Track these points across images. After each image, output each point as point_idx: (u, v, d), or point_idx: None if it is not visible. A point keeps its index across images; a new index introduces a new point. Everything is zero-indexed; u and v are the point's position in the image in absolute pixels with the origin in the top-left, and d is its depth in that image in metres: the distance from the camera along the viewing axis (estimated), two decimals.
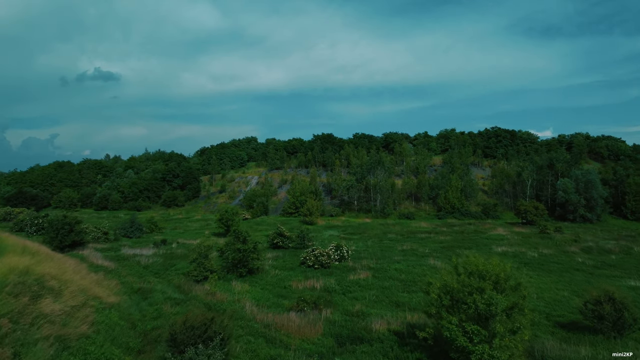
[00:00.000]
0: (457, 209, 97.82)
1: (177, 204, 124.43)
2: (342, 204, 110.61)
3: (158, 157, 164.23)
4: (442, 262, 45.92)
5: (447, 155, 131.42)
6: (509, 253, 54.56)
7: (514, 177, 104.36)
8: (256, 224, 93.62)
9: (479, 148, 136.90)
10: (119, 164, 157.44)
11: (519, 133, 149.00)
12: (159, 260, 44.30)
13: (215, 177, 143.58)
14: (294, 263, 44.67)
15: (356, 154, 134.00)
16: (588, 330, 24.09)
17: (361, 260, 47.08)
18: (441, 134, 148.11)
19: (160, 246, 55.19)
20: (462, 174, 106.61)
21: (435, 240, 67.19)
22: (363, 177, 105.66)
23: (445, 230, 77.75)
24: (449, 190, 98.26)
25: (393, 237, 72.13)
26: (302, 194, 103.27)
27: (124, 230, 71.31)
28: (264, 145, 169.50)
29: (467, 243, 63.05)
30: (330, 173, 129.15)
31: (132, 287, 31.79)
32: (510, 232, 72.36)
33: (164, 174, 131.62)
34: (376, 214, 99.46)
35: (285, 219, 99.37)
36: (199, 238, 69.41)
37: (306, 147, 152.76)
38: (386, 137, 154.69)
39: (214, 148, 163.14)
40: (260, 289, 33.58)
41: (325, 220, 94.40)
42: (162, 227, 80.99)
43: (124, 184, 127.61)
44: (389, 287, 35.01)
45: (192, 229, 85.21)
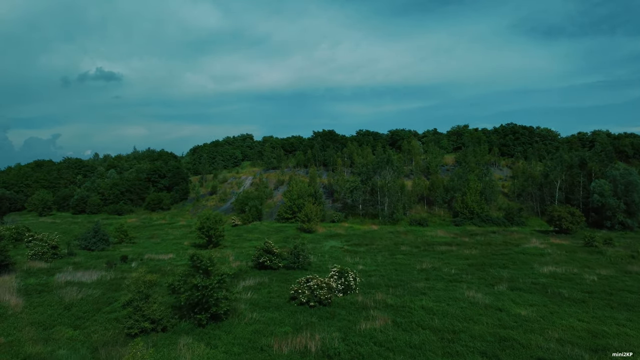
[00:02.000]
0: (477, 214, 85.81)
1: (162, 207, 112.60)
2: (345, 208, 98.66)
3: (146, 156, 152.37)
4: (482, 294, 34.02)
5: (460, 154, 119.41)
6: (558, 275, 42.74)
7: (540, 178, 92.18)
8: (247, 232, 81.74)
9: (495, 146, 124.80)
10: (101, 163, 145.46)
11: (537, 130, 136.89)
12: (98, 292, 32.38)
13: (206, 178, 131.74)
14: (282, 296, 32.76)
15: (360, 152, 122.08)
16: None
17: (373, 290, 35.13)
18: (453, 130, 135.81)
19: (114, 266, 43.28)
20: (480, 175, 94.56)
21: (459, 255, 55.22)
22: (369, 178, 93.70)
23: (468, 242, 65.72)
24: (467, 193, 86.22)
25: (407, 249, 60.23)
26: (300, 197, 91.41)
27: (84, 242, 59.51)
28: (260, 143, 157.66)
29: (501, 259, 51.15)
30: (332, 173, 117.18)
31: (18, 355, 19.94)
32: (548, 245, 60.27)
33: (148, 174, 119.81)
34: (384, 220, 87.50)
35: (281, 225, 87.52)
36: (171, 253, 57.68)
37: (305, 145, 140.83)
38: (392, 135, 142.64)
39: (206, 146, 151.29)
40: (223, 352, 21.63)
41: (326, 227, 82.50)
42: (134, 237, 69.04)
43: (105, 185, 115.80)
44: (421, 345, 23.07)
45: (170, 239, 73.34)
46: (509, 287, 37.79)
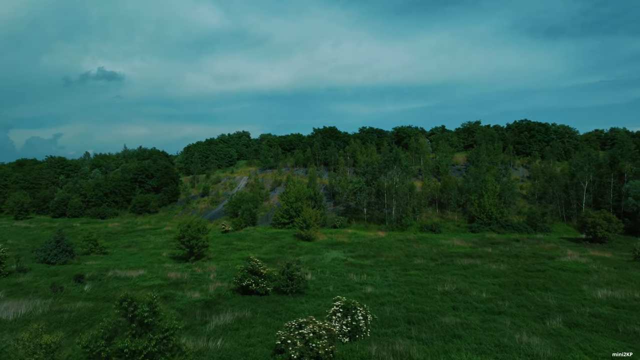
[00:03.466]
0: (495, 220, 76.77)
1: (149, 210, 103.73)
2: (348, 212, 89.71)
3: (136, 154, 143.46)
4: (539, 338, 25.04)
5: (472, 152, 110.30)
6: (619, 301, 33.75)
7: (565, 178, 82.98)
8: (238, 239, 72.85)
9: (509, 144, 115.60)
10: (86, 162, 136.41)
11: (553, 127, 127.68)
12: (2, 344, 23.41)
13: (198, 178, 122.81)
14: (265, 343, 23.79)
15: (364, 151, 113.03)
16: None
17: (389, 331, 26.21)
18: (464, 127, 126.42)
19: (59, 291, 34.34)
20: (497, 175, 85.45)
21: (484, 270, 46.18)
22: (374, 179, 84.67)
23: (491, 253, 56.62)
24: (485, 196, 77.14)
25: (421, 263, 51.25)
26: (298, 200, 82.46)
27: (44, 253, 50.70)
28: (257, 141, 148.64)
29: (538, 278, 42.14)
30: (334, 173, 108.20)
31: None
32: (589, 258, 51.13)
33: (135, 174, 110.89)
34: (391, 225, 78.52)
35: (277, 232, 78.60)
36: (144, 268, 48.72)
37: (305, 143, 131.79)
38: (398, 132, 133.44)
39: (200, 145, 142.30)
40: None
41: (327, 234, 73.57)
42: (106, 247, 60.06)
43: (87, 186, 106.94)
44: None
45: (149, 248, 64.50)
46: (565, 321, 28.86)
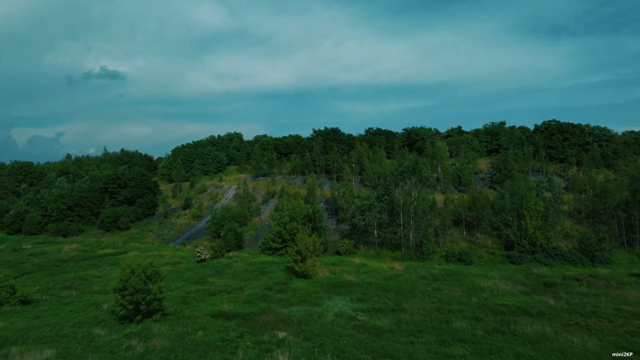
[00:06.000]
0: (540, 246, 61.04)
1: (120, 227, 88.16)
2: (354, 232, 74.08)
3: (115, 159, 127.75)
4: None
5: (498, 158, 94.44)
6: None
7: (624, 193, 67.03)
8: (215, 273, 57.18)
9: (540, 148, 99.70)
10: (55, 167, 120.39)
11: (587, 128, 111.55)
12: None
13: (181, 187, 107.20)
14: None
15: (372, 156, 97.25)
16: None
17: None
18: (486, 128, 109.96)
19: None
20: (538, 188, 69.58)
21: (565, 350, 30.19)
22: (387, 193, 68.92)
23: (557, 308, 40.62)
24: (527, 216, 61.35)
25: (464, 328, 35.35)
26: (293, 219, 66.84)
27: None
28: (250, 143, 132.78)
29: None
30: (337, 184, 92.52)
31: None
32: None
33: (106, 183, 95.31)
34: (409, 253, 62.82)
35: (266, 262, 62.94)
36: (56, 346, 32.98)
37: (304, 147, 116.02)
38: (409, 134, 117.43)
39: (186, 148, 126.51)
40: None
41: (328, 267, 57.91)
42: (27, 295, 44.21)
43: (49, 197, 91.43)
44: None
45: (92, 292, 48.80)
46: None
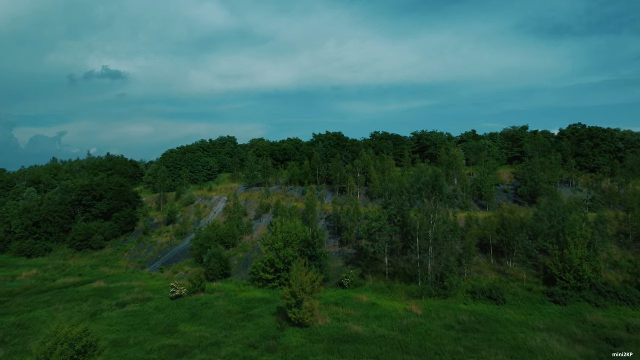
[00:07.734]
0: (588, 281, 50.03)
1: (92, 245, 77.32)
2: (360, 257, 63.19)
3: (98, 164, 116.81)
4: None
5: (522, 168, 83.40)
6: None
7: None
8: (189, 317, 46.26)
9: (568, 155, 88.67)
10: (26, 174, 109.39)
11: (617, 133, 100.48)
12: None
13: (166, 198, 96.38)
14: None
15: (379, 165, 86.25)
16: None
17: None
18: (506, 133, 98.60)
19: None
20: (580, 207, 58.51)
21: None
22: (400, 212, 57.97)
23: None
24: (572, 244, 50.33)
25: None
26: (288, 244, 55.97)
27: None
28: (244, 147, 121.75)
29: None
30: (340, 197, 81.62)
31: None
32: None
33: (79, 195, 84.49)
34: (427, 288, 51.84)
35: (255, 298, 52.03)
36: None
37: (303, 153, 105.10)
38: (419, 138, 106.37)
39: (173, 153, 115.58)
40: None
41: (330, 309, 47.02)
42: None
43: (12, 211, 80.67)
44: None
45: (25, 352, 37.93)
46: None
